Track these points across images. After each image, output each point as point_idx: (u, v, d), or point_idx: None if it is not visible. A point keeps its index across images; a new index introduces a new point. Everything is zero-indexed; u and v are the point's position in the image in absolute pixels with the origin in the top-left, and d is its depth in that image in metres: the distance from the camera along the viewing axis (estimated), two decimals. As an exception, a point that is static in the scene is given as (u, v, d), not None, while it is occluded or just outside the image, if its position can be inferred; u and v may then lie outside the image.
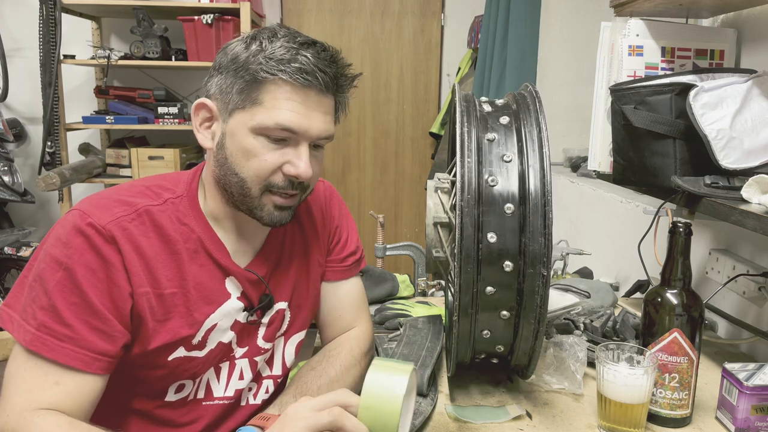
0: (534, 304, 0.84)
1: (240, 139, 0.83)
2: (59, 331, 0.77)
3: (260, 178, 0.84)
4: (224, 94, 0.84)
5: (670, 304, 0.90)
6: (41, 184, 2.60)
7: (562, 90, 2.55)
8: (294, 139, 0.84)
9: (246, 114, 0.82)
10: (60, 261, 0.78)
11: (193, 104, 0.88)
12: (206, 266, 0.89)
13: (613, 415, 0.88)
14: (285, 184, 0.85)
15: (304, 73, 0.80)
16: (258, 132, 0.82)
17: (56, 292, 0.77)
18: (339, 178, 3.68)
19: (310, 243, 1.02)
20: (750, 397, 0.88)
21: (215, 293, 0.90)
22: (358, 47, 3.56)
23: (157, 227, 0.85)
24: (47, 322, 0.77)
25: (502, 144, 0.87)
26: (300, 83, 0.81)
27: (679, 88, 1.07)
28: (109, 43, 3.26)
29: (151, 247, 0.84)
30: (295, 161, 0.84)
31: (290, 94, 0.81)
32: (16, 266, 2.88)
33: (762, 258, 1.24)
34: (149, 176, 0.93)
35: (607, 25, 1.34)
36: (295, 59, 0.80)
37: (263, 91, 0.81)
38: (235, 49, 0.84)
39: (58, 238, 0.79)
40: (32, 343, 0.76)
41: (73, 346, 0.77)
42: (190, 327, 0.87)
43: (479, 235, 0.83)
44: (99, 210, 0.81)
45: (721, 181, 1.03)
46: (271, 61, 0.80)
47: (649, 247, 1.23)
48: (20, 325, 0.77)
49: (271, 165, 0.84)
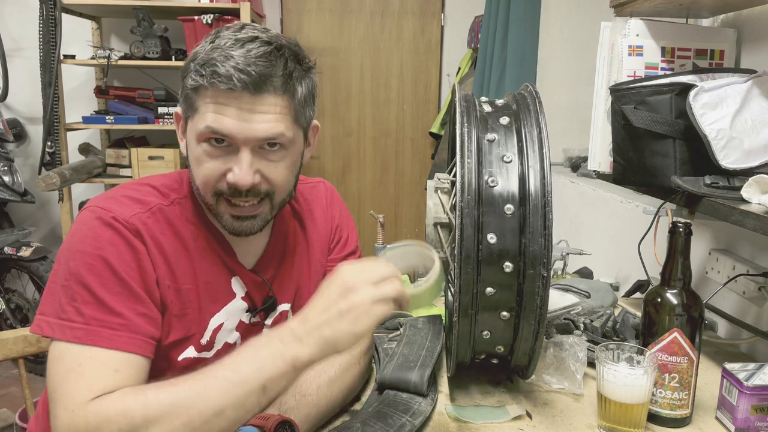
0: (534, 304, 0.84)
1: (192, 147, 0.84)
2: (112, 321, 0.77)
3: (208, 186, 0.84)
4: (181, 105, 0.86)
5: (670, 304, 0.90)
6: (41, 184, 2.60)
7: (562, 90, 2.55)
8: (234, 145, 0.82)
9: (192, 122, 0.83)
10: (93, 254, 0.78)
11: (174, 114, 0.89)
12: (215, 265, 0.90)
13: (613, 415, 0.88)
14: (231, 191, 0.84)
15: (222, 77, 0.77)
16: (200, 139, 0.82)
17: (97, 284, 0.78)
18: (339, 178, 3.68)
19: (313, 244, 1.02)
20: (750, 397, 0.88)
21: (222, 292, 0.91)
22: (358, 47, 3.56)
23: (171, 225, 0.86)
24: (96, 314, 0.77)
25: (502, 144, 0.87)
26: (223, 87, 0.78)
27: (679, 88, 1.07)
28: (109, 43, 3.26)
29: (168, 243, 0.85)
30: (234, 168, 0.82)
31: (218, 97, 0.79)
32: (16, 266, 2.88)
33: (762, 258, 1.24)
34: (151, 176, 0.93)
35: (607, 25, 1.34)
36: (216, 63, 0.78)
37: (197, 98, 0.81)
38: (194, 50, 0.84)
39: (85, 234, 0.80)
40: (87, 338, 0.76)
41: (128, 332, 0.78)
42: (198, 324, 0.89)
43: (479, 235, 0.83)
44: (118, 206, 0.83)
45: (721, 181, 1.03)
46: (198, 67, 0.79)
47: (649, 247, 1.23)
48: (62, 326, 0.77)
49: (214, 172, 0.83)
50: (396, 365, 0.98)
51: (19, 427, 2.19)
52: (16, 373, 2.86)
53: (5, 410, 2.42)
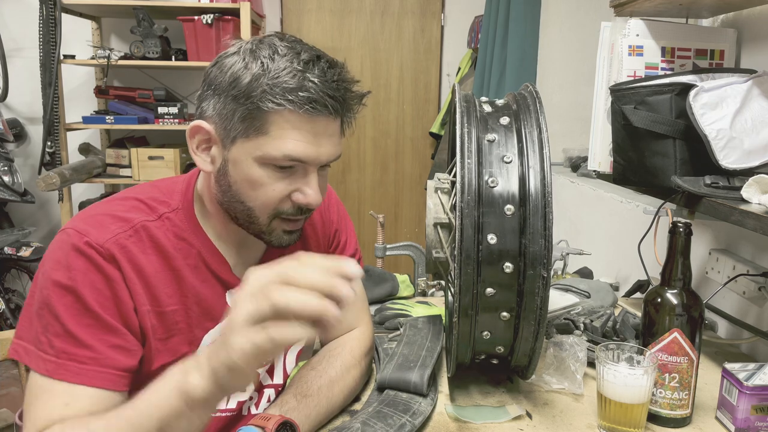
0: (534, 305, 0.84)
1: (245, 168, 0.80)
2: (80, 355, 0.75)
3: (268, 208, 0.82)
4: (224, 119, 0.79)
5: (670, 304, 0.90)
6: (41, 184, 2.60)
7: (562, 90, 2.55)
8: (302, 166, 0.81)
9: (250, 143, 0.78)
10: (65, 285, 0.76)
11: (189, 126, 0.83)
12: (208, 281, 0.88)
13: (613, 415, 0.88)
14: (294, 211, 0.83)
15: (312, 102, 0.76)
16: (264, 162, 0.79)
17: (68, 316, 0.76)
18: (339, 178, 3.68)
19: (310, 249, 1.01)
20: (750, 397, 0.88)
21: (217, 309, 0.88)
22: (358, 47, 3.56)
23: (155, 243, 0.83)
24: (66, 348, 0.75)
25: (502, 145, 0.87)
26: (309, 113, 0.77)
27: (679, 88, 1.07)
28: (109, 43, 3.26)
29: (150, 265, 0.82)
30: (304, 189, 0.81)
31: (298, 123, 0.77)
32: (16, 266, 2.88)
33: (762, 258, 1.24)
34: (141, 185, 0.90)
35: (607, 25, 1.34)
36: (303, 86, 0.75)
37: (269, 121, 0.77)
38: (233, 68, 0.78)
39: (58, 261, 0.78)
40: (56, 372, 0.75)
41: (97, 366, 0.76)
42: (189, 344, 0.86)
43: (479, 236, 0.83)
44: (95, 228, 0.79)
45: (721, 181, 1.03)
46: (276, 89, 0.75)
47: (649, 247, 1.23)
48: (37, 356, 0.76)
49: (279, 195, 0.81)
50: (396, 365, 0.98)
51: (19, 427, 2.19)
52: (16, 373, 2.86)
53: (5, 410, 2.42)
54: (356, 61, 3.57)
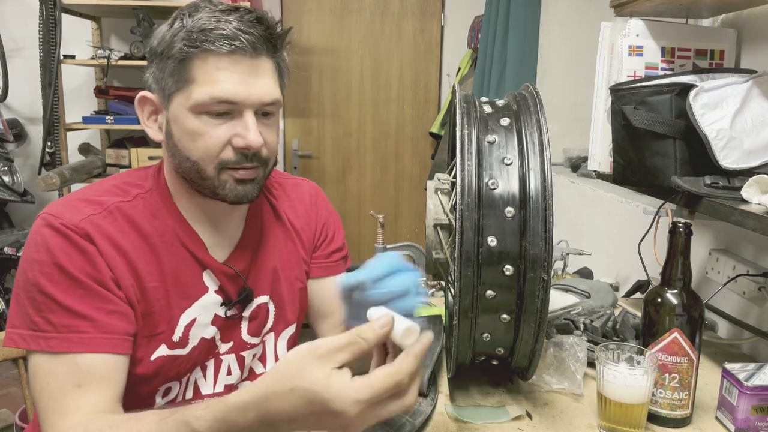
0: (534, 307, 0.84)
1: (183, 121, 0.81)
2: (81, 325, 0.77)
3: (211, 157, 0.82)
4: (159, 81, 0.82)
5: (670, 304, 0.90)
6: (41, 184, 2.60)
7: (562, 90, 2.55)
8: (237, 110, 0.81)
9: (183, 95, 0.80)
10: (48, 262, 0.78)
11: (135, 101, 0.85)
12: (184, 260, 0.88)
13: (613, 415, 0.88)
14: (238, 158, 0.83)
15: (228, 39, 0.77)
16: (198, 110, 0.80)
17: (59, 291, 0.77)
18: (339, 178, 3.68)
19: (291, 237, 1.01)
20: (750, 397, 0.88)
21: (192, 287, 0.89)
22: (358, 47, 3.56)
23: (131, 222, 0.84)
24: (65, 321, 0.77)
25: (502, 146, 0.87)
26: (226, 50, 0.78)
27: (679, 88, 1.07)
28: (109, 43, 3.26)
29: (128, 241, 0.83)
30: (242, 132, 0.81)
31: (219, 63, 0.78)
32: (15, 266, 2.88)
33: (762, 258, 1.24)
34: (115, 174, 0.91)
35: (607, 25, 1.34)
36: (217, 27, 0.78)
37: (193, 68, 0.79)
38: (160, 32, 0.82)
39: (37, 243, 0.79)
40: (60, 346, 0.76)
41: (99, 333, 0.77)
42: (167, 322, 0.87)
43: (479, 238, 0.83)
44: (68, 211, 0.81)
45: (721, 181, 1.03)
46: (193, 34, 0.78)
47: (649, 247, 1.23)
48: (36, 337, 0.77)
49: (219, 141, 0.81)
50: (396, 366, 0.98)
51: (19, 427, 2.19)
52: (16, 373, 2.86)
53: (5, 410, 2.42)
54: (356, 61, 3.57)
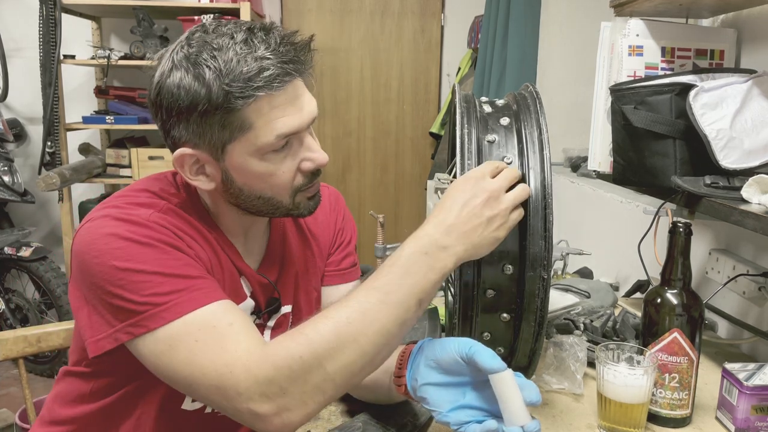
0: (534, 306, 0.84)
1: (248, 167, 0.79)
2: (194, 284, 0.74)
3: (286, 189, 0.82)
4: (204, 136, 0.77)
5: (670, 304, 0.90)
6: (41, 184, 2.60)
7: (562, 90, 2.55)
8: (296, 137, 0.81)
9: (241, 144, 0.77)
10: (132, 244, 0.74)
11: (173, 157, 0.80)
12: (228, 263, 0.88)
13: (613, 415, 0.88)
14: (308, 179, 0.84)
15: (277, 78, 0.75)
16: (262, 153, 0.78)
17: (156, 265, 0.74)
18: (339, 178, 3.68)
19: (311, 243, 1.02)
20: (750, 397, 0.88)
21: (239, 289, 0.89)
22: (358, 47, 3.56)
23: (187, 221, 0.83)
24: (176, 287, 0.73)
25: (502, 146, 0.87)
26: (279, 90, 0.76)
27: (679, 88, 1.07)
28: (109, 43, 3.26)
29: (191, 236, 0.82)
30: (309, 155, 0.82)
31: (272, 101, 0.76)
32: (16, 266, 2.88)
33: (762, 258, 1.24)
34: (138, 182, 0.88)
35: (607, 25, 1.34)
36: (261, 69, 0.74)
37: (248, 115, 0.75)
38: (182, 85, 0.74)
39: (106, 234, 0.75)
40: (184, 308, 0.72)
41: (209, 287, 0.76)
42: None
43: (479, 236, 0.83)
44: (131, 208, 0.78)
45: (721, 181, 1.03)
46: (238, 84, 0.73)
47: (649, 247, 1.23)
48: (152, 315, 0.72)
49: (290, 173, 0.82)
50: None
51: (19, 427, 2.19)
52: (16, 373, 2.86)
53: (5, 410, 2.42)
54: (356, 61, 3.57)
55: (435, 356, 0.76)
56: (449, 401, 0.74)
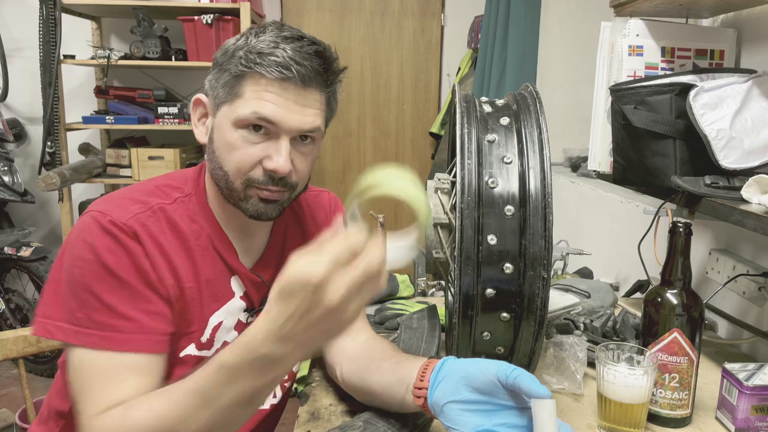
0: (534, 306, 0.84)
1: (224, 132, 0.85)
2: (123, 326, 0.79)
3: (241, 172, 0.85)
4: (214, 89, 0.86)
5: (670, 304, 0.90)
6: (41, 184, 2.60)
7: (562, 90, 2.55)
8: (274, 133, 0.84)
9: (229, 107, 0.84)
10: (96, 261, 0.79)
11: (191, 99, 0.90)
12: (216, 265, 0.90)
13: (613, 415, 0.88)
14: (265, 179, 0.85)
15: (279, 66, 0.81)
16: (239, 124, 0.83)
17: (104, 291, 0.79)
18: (339, 178, 3.68)
19: None
20: (750, 397, 0.88)
21: (222, 291, 0.91)
22: (358, 47, 3.56)
23: (172, 224, 0.87)
24: (107, 321, 0.79)
25: (502, 145, 0.87)
26: (275, 75, 0.81)
27: (679, 88, 1.07)
28: (109, 43, 3.26)
29: (168, 243, 0.85)
30: (273, 155, 0.84)
31: (269, 86, 0.82)
32: (16, 266, 2.88)
33: (762, 258, 1.24)
34: (155, 177, 0.94)
35: (607, 25, 1.34)
36: (273, 53, 0.81)
37: (243, 84, 0.82)
38: (228, 44, 0.86)
39: (84, 240, 0.81)
40: (101, 344, 0.78)
41: (140, 334, 0.80)
42: (199, 323, 0.89)
43: (479, 237, 0.83)
44: (117, 209, 0.83)
45: (721, 181, 1.03)
46: (251, 55, 0.81)
47: (649, 247, 1.23)
48: (77, 332, 0.79)
49: (251, 158, 0.84)
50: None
51: (19, 427, 2.19)
52: (16, 373, 2.86)
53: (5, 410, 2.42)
54: (356, 61, 3.57)
55: (468, 374, 0.74)
56: (473, 424, 0.72)
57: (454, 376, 0.76)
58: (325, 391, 1.02)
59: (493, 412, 0.73)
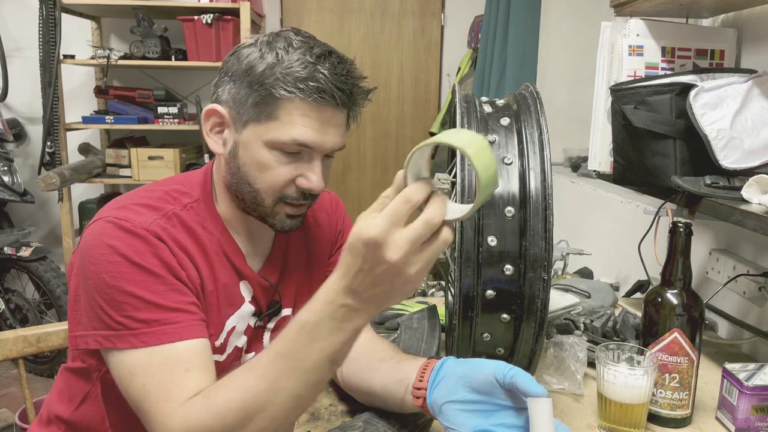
0: (534, 307, 0.84)
1: (254, 151, 0.84)
2: (167, 318, 0.78)
3: (274, 191, 0.85)
4: (238, 104, 0.84)
5: (670, 304, 0.90)
6: (41, 184, 2.60)
7: (562, 90, 2.55)
8: (308, 153, 0.84)
9: (261, 127, 0.83)
10: (123, 263, 0.78)
11: (203, 109, 0.88)
12: (226, 269, 0.90)
13: (614, 416, 0.88)
14: (298, 196, 0.87)
15: (321, 92, 0.80)
16: (272, 146, 0.83)
17: (142, 289, 0.78)
18: (339, 178, 3.68)
19: (315, 249, 1.03)
20: (750, 397, 0.88)
21: (235, 296, 0.91)
22: (358, 47, 3.56)
23: (188, 229, 0.86)
24: (151, 316, 0.77)
25: (502, 146, 0.87)
26: (317, 102, 0.81)
27: (679, 88, 1.07)
28: (109, 43, 3.26)
29: (190, 246, 0.85)
30: (308, 175, 0.85)
31: (307, 111, 0.81)
32: (15, 266, 2.88)
33: (762, 258, 1.24)
34: (160, 180, 0.93)
35: (607, 25, 1.34)
36: (313, 77, 0.80)
37: (279, 107, 0.81)
38: (249, 57, 0.83)
39: (107, 244, 0.79)
40: (153, 339, 0.77)
41: (189, 321, 0.79)
42: (216, 327, 0.89)
43: (479, 238, 0.83)
44: (134, 215, 0.82)
45: (722, 181, 1.03)
46: (288, 78, 0.80)
47: (649, 247, 1.23)
48: (120, 336, 0.77)
49: (285, 178, 0.85)
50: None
51: (19, 427, 2.19)
52: (16, 373, 2.86)
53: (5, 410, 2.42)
54: (356, 61, 3.55)
55: (467, 374, 0.75)
56: (471, 424, 0.73)
57: (453, 376, 0.76)
58: (325, 391, 1.02)
59: (491, 412, 0.73)
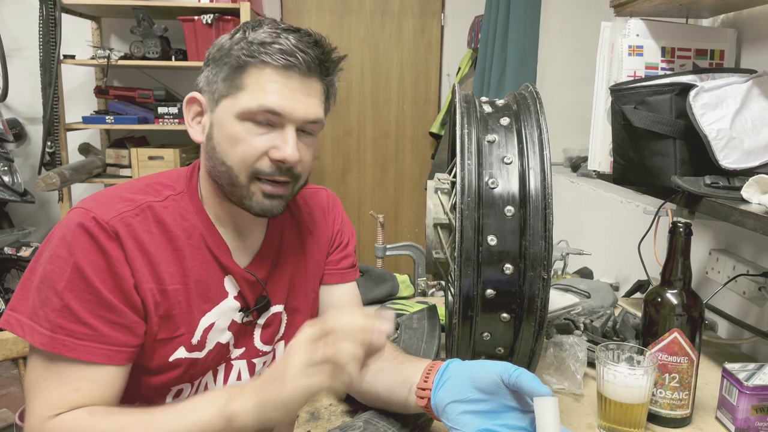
0: (534, 306, 0.84)
1: (226, 126, 0.83)
2: (77, 330, 0.77)
3: (246, 164, 0.83)
4: (211, 84, 0.85)
5: (670, 304, 0.90)
6: (41, 184, 2.60)
7: (562, 90, 2.55)
8: (279, 123, 0.83)
9: (231, 100, 0.83)
10: (67, 260, 0.78)
11: (184, 99, 0.88)
12: (208, 263, 0.89)
13: (613, 415, 0.88)
14: (272, 170, 0.84)
15: (284, 53, 0.80)
16: (243, 117, 0.82)
17: (68, 291, 0.77)
18: (339, 178, 3.68)
19: (309, 244, 1.02)
20: (750, 397, 0.88)
21: (214, 291, 0.90)
22: (358, 47, 3.57)
23: (160, 223, 0.85)
24: (63, 323, 0.77)
25: (502, 146, 0.87)
26: (281, 64, 0.81)
27: (679, 88, 1.07)
28: (109, 43, 3.26)
29: (153, 243, 0.84)
30: (280, 145, 0.83)
31: (272, 75, 0.81)
32: (16, 266, 2.88)
33: (762, 258, 1.24)
34: (149, 175, 0.93)
35: (607, 25, 1.34)
36: (276, 41, 0.81)
37: (246, 76, 0.82)
38: (221, 40, 0.85)
39: (62, 237, 0.79)
40: (51, 346, 0.76)
41: (93, 342, 0.78)
42: (188, 325, 0.87)
43: (479, 237, 0.83)
44: (102, 207, 0.82)
45: (721, 181, 1.03)
46: (253, 45, 0.81)
47: (649, 247, 1.23)
48: (32, 328, 0.77)
49: (257, 150, 0.83)
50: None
51: (19, 427, 2.19)
52: (16, 373, 2.86)
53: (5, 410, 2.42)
54: (356, 61, 3.57)
55: (472, 374, 0.75)
56: (475, 425, 0.73)
57: (459, 376, 0.77)
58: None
59: (496, 413, 0.73)
